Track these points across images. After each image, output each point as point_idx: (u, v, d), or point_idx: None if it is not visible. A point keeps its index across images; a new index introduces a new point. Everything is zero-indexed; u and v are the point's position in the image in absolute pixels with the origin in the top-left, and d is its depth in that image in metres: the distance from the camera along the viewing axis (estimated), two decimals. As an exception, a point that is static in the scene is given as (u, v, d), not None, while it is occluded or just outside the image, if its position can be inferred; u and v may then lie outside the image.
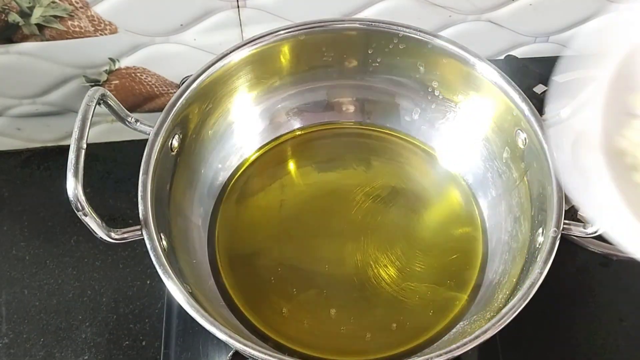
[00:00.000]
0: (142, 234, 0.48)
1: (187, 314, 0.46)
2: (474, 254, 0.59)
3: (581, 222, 0.50)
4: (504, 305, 0.47)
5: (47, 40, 0.70)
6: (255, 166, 0.65)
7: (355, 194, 0.63)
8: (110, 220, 0.48)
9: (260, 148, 0.65)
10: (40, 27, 0.68)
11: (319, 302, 0.57)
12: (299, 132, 0.66)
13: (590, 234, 0.48)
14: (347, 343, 0.55)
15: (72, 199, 0.45)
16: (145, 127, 0.53)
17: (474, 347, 0.45)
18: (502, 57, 0.75)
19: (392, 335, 0.55)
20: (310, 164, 0.65)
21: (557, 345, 0.58)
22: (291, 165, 0.65)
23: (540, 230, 0.51)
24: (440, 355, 0.44)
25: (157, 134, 0.53)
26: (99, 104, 0.50)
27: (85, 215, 0.45)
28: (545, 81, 0.72)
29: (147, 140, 0.53)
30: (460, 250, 0.59)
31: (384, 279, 0.58)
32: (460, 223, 0.61)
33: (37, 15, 0.67)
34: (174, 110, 0.54)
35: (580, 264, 0.59)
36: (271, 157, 0.65)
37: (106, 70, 0.75)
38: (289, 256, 0.59)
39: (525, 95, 0.54)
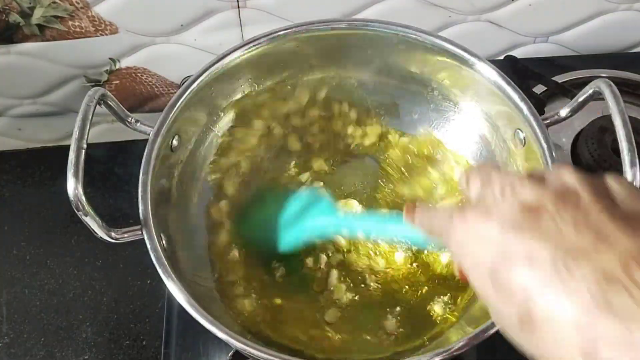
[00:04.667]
0: (142, 233, 0.48)
1: (187, 314, 0.46)
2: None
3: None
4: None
5: (48, 40, 0.70)
6: (255, 166, 0.65)
7: (356, 194, 0.63)
8: (111, 220, 0.48)
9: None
10: (41, 27, 0.68)
11: (319, 302, 0.57)
12: (298, 132, 0.66)
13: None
14: (347, 343, 0.55)
15: (72, 199, 0.45)
16: (145, 127, 0.53)
17: (474, 347, 0.45)
18: (502, 57, 0.75)
19: (392, 335, 0.55)
20: (310, 164, 0.65)
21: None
22: (292, 165, 0.65)
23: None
24: (440, 355, 0.44)
25: (157, 134, 0.53)
26: (99, 104, 0.50)
27: (86, 215, 0.46)
28: (545, 81, 0.72)
29: (147, 140, 0.53)
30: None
31: (384, 279, 0.58)
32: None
33: (37, 16, 0.67)
34: (174, 111, 0.54)
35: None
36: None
37: (107, 70, 0.75)
38: (289, 257, 0.59)
39: (524, 95, 0.54)
